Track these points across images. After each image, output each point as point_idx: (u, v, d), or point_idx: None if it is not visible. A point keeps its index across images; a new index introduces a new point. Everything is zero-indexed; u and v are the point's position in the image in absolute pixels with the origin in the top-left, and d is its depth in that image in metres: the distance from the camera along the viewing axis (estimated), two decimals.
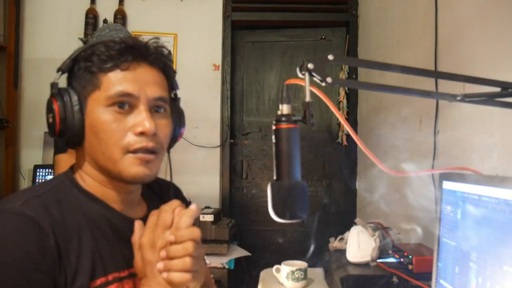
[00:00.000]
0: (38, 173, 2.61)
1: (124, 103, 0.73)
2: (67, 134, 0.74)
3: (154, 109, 0.76)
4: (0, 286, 0.61)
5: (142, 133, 0.72)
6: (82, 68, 0.74)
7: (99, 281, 0.71)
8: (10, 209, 0.66)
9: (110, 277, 0.73)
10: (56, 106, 0.73)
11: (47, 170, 2.60)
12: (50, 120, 0.74)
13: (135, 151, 0.72)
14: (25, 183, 2.77)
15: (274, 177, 0.68)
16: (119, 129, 0.72)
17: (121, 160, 0.72)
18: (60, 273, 0.66)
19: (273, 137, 0.68)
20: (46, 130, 0.76)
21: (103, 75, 0.73)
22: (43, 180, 2.60)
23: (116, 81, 0.73)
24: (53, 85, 0.75)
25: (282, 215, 0.68)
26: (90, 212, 0.74)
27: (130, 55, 0.74)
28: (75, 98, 0.73)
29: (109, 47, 0.73)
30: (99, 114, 0.72)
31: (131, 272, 0.75)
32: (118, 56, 0.73)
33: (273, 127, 0.68)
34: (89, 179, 0.77)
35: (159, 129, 0.75)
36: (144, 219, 0.76)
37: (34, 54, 2.87)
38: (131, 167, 0.72)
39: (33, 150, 2.82)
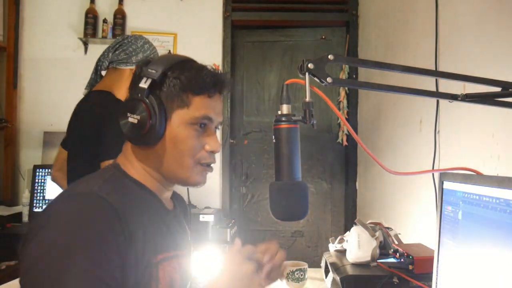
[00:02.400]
0: (37, 173, 2.60)
1: (204, 124, 0.87)
2: (148, 136, 0.83)
3: (215, 129, 0.92)
4: (80, 259, 0.68)
5: (212, 152, 0.88)
6: (174, 84, 0.84)
7: (160, 257, 0.82)
8: (88, 192, 0.76)
9: (165, 255, 0.84)
10: (146, 110, 0.82)
11: (46, 170, 2.60)
12: (134, 120, 0.82)
13: (204, 164, 0.88)
14: (24, 183, 2.76)
15: (275, 177, 0.68)
16: (196, 145, 0.86)
17: (192, 169, 0.87)
18: (130, 251, 0.75)
19: (273, 137, 0.68)
20: (46, 130, 0.78)
21: (193, 96, 0.85)
22: (43, 180, 2.60)
23: (203, 105, 0.85)
24: (143, 90, 0.82)
25: (282, 215, 0.67)
26: (143, 197, 0.86)
27: (218, 88, 0.88)
28: (162, 108, 0.83)
29: (203, 75, 0.86)
30: (183, 129, 0.85)
31: (175, 253, 0.88)
32: (211, 86, 0.86)
33: (273, 127, 0.68)
34: (133, 170, 0.87)
35: None
36: (173, 212, 0.94)
37: (34, 54, 2.87)
38: (198, 175, 0.88)
39: (32, 150, 2.81)
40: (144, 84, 0.82)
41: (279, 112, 0.68)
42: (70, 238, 0.70)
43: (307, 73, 0.68)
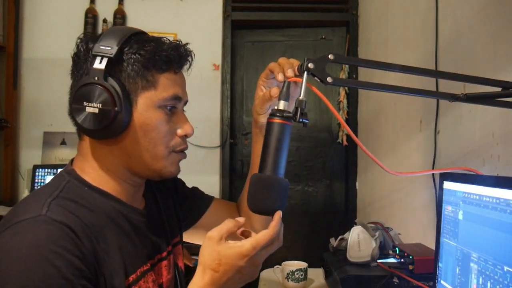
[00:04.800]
0: (37, 173, 2.60)
1: (174, 106, 0.76)
2: (112, 127, 0.70)
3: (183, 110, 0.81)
4: None
5: (186, 136, 0.78)
6: (135, 62, 0.72)
7: (131, 278, 0.71)
8: (37, 218, 0.62)
9: (138, 273, 0.74)
10: (109, 96, 0.68)
11: (46, 170, 2.60)
12: (95, 110, 0.69)
13: (178, 151, 0.77)
14: (24, 183, 2.76)
15: (258, 170, 0.67)
16: (169, 131, 0.75)
17: (166, 158, 0.76)
18: (99, 276, 0.65)
19: (265, 130, 0.68)
20: (46, 130, 0.75)
21: (158, 74, 0.73)
22: (43, 180, 2.59)
23: (172, 83, 0.75)
24: (100, 72, 0.69)
25: (254, 207, 0.67)
26: (106, 209, 0.73)
27: (184, 61, 0.77)
28: (125, 91, 0.70)
29: (168, 48, 0.74)
30: (152, 113, 0.73)
31: (151, 264, 0.78)
32: (176, 61, 0.75)
33: (267, 120, 0.68)
34: (94, 173, 0.75)
35: None
36: (145, 209, 0.82)
37: (34, 54, 2.87)
38: (172, 165, 0.77)
39: (32, 150, 2.81)
40: (99, 64, 0.69)
41: (275, 107, 0.68)
42: (25, 278, 0.58)
43: (305, 72, 0.68)
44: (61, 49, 2.88)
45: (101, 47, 0.69)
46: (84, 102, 0.69)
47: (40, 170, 2.61)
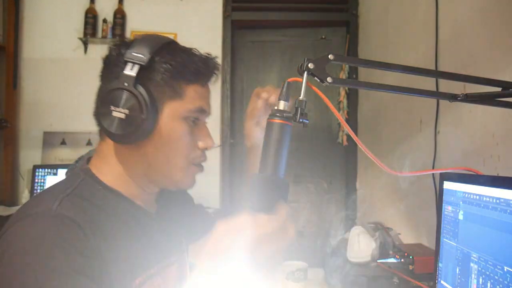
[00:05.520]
0: (37, 174, 2.60)
1: (197, 118, 0.77)
2: (136, 133, 0.71)
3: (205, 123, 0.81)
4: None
5: (206, 149, 0.79)
6: (165, 71, 0.72)
7: (137, 281, 0.71)
8: (46, 211, 0.63)
9: (144, 276, 0.73)
10: (137, 102, 0.69)
11: (46, 170, 2.60)
12: (122, 115, 0.70)
13: (196, 163, 0.78)
14: (24, 183, 2.76)
15: (259, 170, 0.67)
16: (191, 143, 0.76)
17: (184, 170, 0.76)
18: (104, 276, 0.64)
19: (265, 130, 0.68)
20: (45, 130, 0.75)
21: (186, 86, 0.74)
22: (42, 180, 2.59)
23: (198, 96, 0.75)
24: (130, 78, 0.70)
25: (254, 208, 0.67)
26: (118, 209, 0.74)
27: (212, 74, 0.78)
28: (153, 99, 0.71)
29: (196, 60, 0.75)
30: (178, 124, 0.74)
31: (159, 268, 0.77)
32: (205, 74, 0.76)
33: (267, 121, 0.67)
34: (111, 175, 0.76)
35: None
36: (156, 214, 0.82)
37: (33, 54, 2.87)
38: (189, 177, 0.78)
39: (32, 150, 2.81)
40: (130, 71, 0.70)
41: (275, 107, 0.68)
42: (29, 270, 0.58)
43: (305, 72, 0.68)
44: (61, 49, 2.89)
45: (133, 53, 0.71)
46: (112, 106, 0.70)
47: (40, 170, 2.61)
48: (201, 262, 0.58)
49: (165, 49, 0.74)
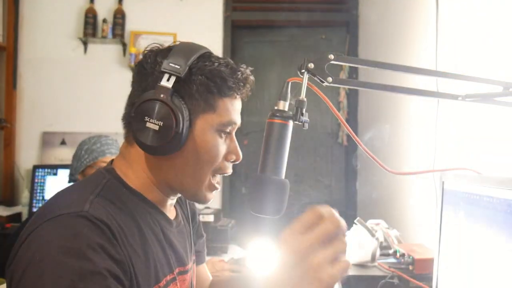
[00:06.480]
0: (37, 174, 2.60)
1: (229, 132, 0.76)
2: (169, 146, 0.70)
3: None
4: None
5: (235, 161, 0.78)
6: (201, 84, 0.72)
7: (157, 286, 0.71)
8: (79, 213, 0.63)
9: (164, 281, 0.73)
10: (172, 115, 0.69)
11: (46, 170, 2.60)
12: (156, 127, 0.69)
13: (220, 174, 0.77)
14: (24, 183, 2.76)
15: (259, 170, 0.67)
16: (220, 154, 0.75)
17: (206, 183, 0.76)
18: (130, 277, 0.65)
19: (265, 130, 0.68)
20: (45, 130, 0.74)
21: (220, 98, 0.74)
22: (42, 180, 2.59)
23: (230, 109, 0.75)
24: (166, 90, 0.69)
25: (255, 208, 0.67)
26: (142, 212, 0.73)
27: (246, 89, 0.78)
28: (187, 112, 0.71)
29: (234, 73, 0.75)
30: (210, 136, 0.74)
31: (176, 273, 0.78)
32: (242, 86, 0.76)
33: (267, 120, 0.67)
34: (135, 179, 0.75)
35: None
36: (176, 221, 0.83)
37: (33, 54, 2.87)
38: (209, 193, 0.77)
39: (31, 150, 2.81)
40: (167, 82, 0.69)
41: (275, 107, 0.68)
42: (62, 270, 0.58)
43: (305, 72, 0.68)
44: (61, 49, 2.89)
45: (171, 64, 0.70)
46: (146, 117, 0.69)
47: (40, 170, 2.61)
48: None
49: (201, 60, 0.73)
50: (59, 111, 2.82)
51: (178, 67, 0.70)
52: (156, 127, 0.69)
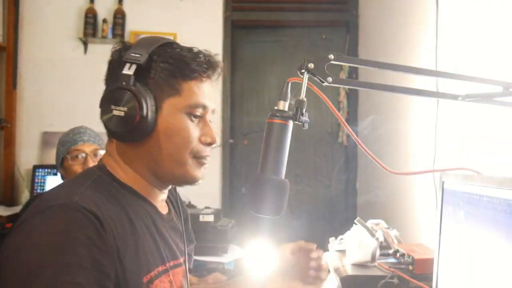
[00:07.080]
0: (37, 174, 2.60)
1: (197, 114, 0.78)
2: (137, 131, 0.73)
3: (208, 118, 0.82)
4: (69, 287, 0.59)
5: (210, 144, 0.80)
6: (162, 69, 0.75)
7: (149, 276, 0.73)
8: (68, 204, 0.65)
9: (156, 271, 0.75)
10: (135, 100, 0.72)
11: (46, 170, 2.60)
12: (121, 113, 0.72)
13: (200, 158, 0.79)
14: (24, 183, 2.76)
15: (259, 170, 0.67)
16: (192, 137, 0.77)
17: (188, 163, 0.77)
18: (118, 269, 0.67)
19: (265, 130, 0.68)
20: (45, 130, 0.76)
21: (184, 82, 0.76)
22: (42, 181, 2.59)
23: (197, 91, 0.77)
24: (128, 77, 0.72)
25: (253, 208, 0.67)
26: (133, 206, 0.76)
27: (212, 70, 0.79)
28: (151, 97, 0.74)
29: (196, 57, 0.76)
30: (177, 119, 0.76)
31: (168, 266, 0.79)
32: (205, 69, 0.77)
33: (267, 120, 0.67)
34: (123, 173, 0.78)
35: None
36: (168, 216, 0.85)
37: (33, 54, 2.86)
38: (195, 170, 0.79)
39: (32, 150, 2.81)
40: (128, 70, 0.72)
41: (275, 107, 0.68)
42: (46, 261, 0.60)
43: (305, 72, 0.68)
44: (61, 49, 2.89)
45: (132, 54, 0.73)
46: (112, 106, 0.72)
47: (40, 170, 2.61)
48: None
49: (162, 48, 0.76)
50: (59, 111, 2.82)
51: (139, 55, 0.73)
52: (122, 113, 0.72)
